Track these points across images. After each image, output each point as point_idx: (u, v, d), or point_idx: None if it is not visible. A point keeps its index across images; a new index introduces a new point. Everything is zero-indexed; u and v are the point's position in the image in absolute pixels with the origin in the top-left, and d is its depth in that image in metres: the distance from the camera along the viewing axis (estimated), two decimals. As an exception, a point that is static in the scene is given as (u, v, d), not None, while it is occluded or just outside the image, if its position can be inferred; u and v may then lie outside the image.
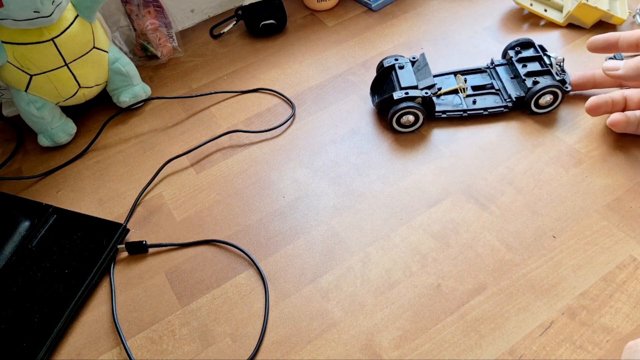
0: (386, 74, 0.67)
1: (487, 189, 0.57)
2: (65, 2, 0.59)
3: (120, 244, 0.56)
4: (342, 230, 0.55)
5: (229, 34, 0.84)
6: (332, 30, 0.82)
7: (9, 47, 0.59)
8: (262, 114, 0.70)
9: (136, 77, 0.71)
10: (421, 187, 0.58)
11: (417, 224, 0.55)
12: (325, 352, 0.47)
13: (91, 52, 0.64)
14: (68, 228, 0.57)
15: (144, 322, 0.50)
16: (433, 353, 0.45)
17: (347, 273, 0.52)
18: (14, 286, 0.52)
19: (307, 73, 0.75)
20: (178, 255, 0.55)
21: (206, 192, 0.61)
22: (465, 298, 0.49)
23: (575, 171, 0.58)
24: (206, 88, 0.75)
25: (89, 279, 0.52)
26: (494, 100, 0.65)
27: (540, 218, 0.54)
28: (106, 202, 0.61)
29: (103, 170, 0.65)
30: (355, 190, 0.59)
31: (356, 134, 0.65)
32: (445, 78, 0.68)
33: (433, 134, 0.64)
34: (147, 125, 0.70)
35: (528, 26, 0.77)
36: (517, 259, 0.51)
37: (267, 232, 0.56)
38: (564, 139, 0.61)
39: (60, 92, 0.64)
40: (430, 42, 0.77)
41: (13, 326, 0.49)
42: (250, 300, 0.51)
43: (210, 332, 0.49)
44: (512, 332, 0.46)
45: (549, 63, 0.63)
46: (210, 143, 0.66)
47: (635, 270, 0.49)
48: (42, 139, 0.67)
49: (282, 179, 0.61)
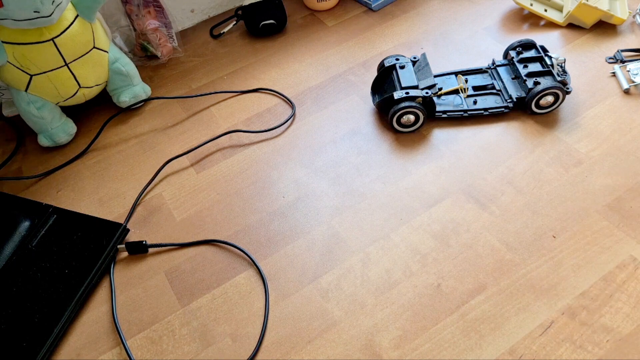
0: (387, 73, 0.67)
1: (488, 189, 0.57)
2: (65, 2, 0.59)
3: (120, 244, 0.56)
4: (342, 230, 0.55)
5: (229, 34, 0.84)
6: (332, 30, 0.81)
7: (9, 47, 0.59)
8: (262, 114, 0.70)
9: (136, 77, 0.71)
10: (421, 187, 0.58)
11: (417, 224, 0.55)
12: (325, 352, 0.47)
13: (91, 52, 0.64)
14: (68, 228, 0.57)
15: (144, 322, 0.50)
16: (433, 353, 0.45)
17: (347, 273, 0.52)
18: (14, 286, 0.52)
19: (307, 73, 0.75)
20: (178, 255, 0.55)
21: (206, 192, 0.61)
22: (465, 298, 0.49)
23: (575, 171, 0.58)
24: (206, 88, 0.75)
25: (89, 279, 0.52)
26: (494, 100, 0.65)
27: (540, 218, 0.54)
28: (106, 202, 0.61)
29: (103, 170, 0.65)
30: (355, 190, 0.59)
31: (356, 134, 0.65)
32: (446, 78, 0.68)
33: (433, 134, 0.64)
34: (147, 125, 0.70)
35: (528, 26, 0.77)
36: (517, 259, 0.51)
37: (267, 232, 0.56)
38: (564, 139, 0.61)
39: (60, 92, 0.64)
40: (430, 42, 0.77)
41: (13, 326, 0.49)
42: (250, 300, 0.51)
43: (210, 332, 0.49)
44: (512, 332, 0.46)
45: (550, 64, 0.63)
46: (210, 143, 0.66)
47: (635, 270, 0.49)
48: (42, 139, 0.67)
49: (282, 179, 0.61)
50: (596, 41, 0.72)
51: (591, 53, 0.71)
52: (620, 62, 0.68)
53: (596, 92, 0.65)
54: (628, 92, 0.65)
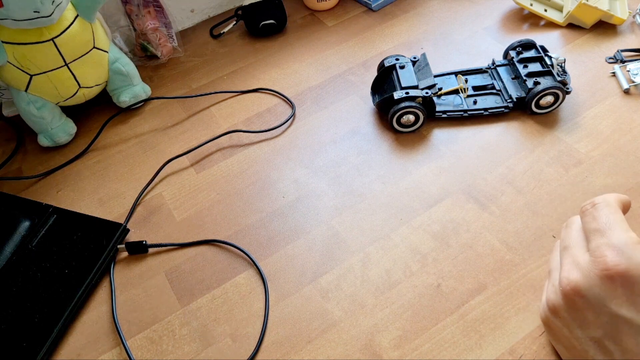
0: (387, 73, 0.67)
1: (488, 189, 0.57)
2: (65, 2, 0.59)
3: (120, 244, 0.56)
4: (342, 230, 0.55)
5: (229, 34, 0.84)
6: (332, 30, 0.81)
7: (9, 47, 0.59)
8: (262, 114, 0.70)
9: (136, 77, 0.71)
10: (421, 187, 0.58)
11: (417, 224, 0.55)
12: (325, 352, 0.47)
13: (91, 52, 0.64)
14: (68, 228, 0.57)
15: (144, 322, 0.50)
16: (433, 353, 0.45)
17: (347, 273, 0.52)
18: (14, 286, 0.52)
19: (307, 73, 0.75)
20: (178, 255, 0.55)
21: (206, 192, 0.61)
22: (465, 298, 0.49)
23: (575, 171, 0.58)
24: (206, 88, 0.75)
25: (89, 279, 0.52)
26: (494, 100, 0.65)
27: (540, 218, 0.54)
28: (106, 202, 0.61)
29: (103, 170, 0.65)
30: (355, 190, 0.59)
31: (356, 134, 0.65)
32: (446, 78, 0.68)
33: (433, 134, 0.64)
34: (147, 125, 0.70)
35: (528, 26, 0.77)
36: (517, 259, 0.51)
37: (267, 232, 0.56)
38: (564, 139, 0.61)
39: (60, 92, 0.64)
40: (430, 42, 0.77)
41: (13, 326, 0.49)
42: (250, 300, 0.51)
43: (210, 332, 0.49)
44: (512, 332, 0.46)
45: (550, 64, 0.63)
46: (210, 143, 0.66)
47: (635, 270, 0.49)
48: (42, 139, 0.67)
49: (282, 179, 0.61)
50: (596, 41, 0.72)
51: (591, 53, 0.71)
52: (620, 62, 0.68)
53: (596, 92, 0.65)
54: (628, 92, 0.65)
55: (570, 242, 0.40)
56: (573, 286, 0.36)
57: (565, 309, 0.38)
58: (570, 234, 0.40)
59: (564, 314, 0.38)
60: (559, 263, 0.40)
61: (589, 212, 0.38)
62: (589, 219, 0.38)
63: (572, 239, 0.40)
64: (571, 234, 0.40)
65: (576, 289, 0.36)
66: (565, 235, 0.41)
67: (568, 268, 0.38)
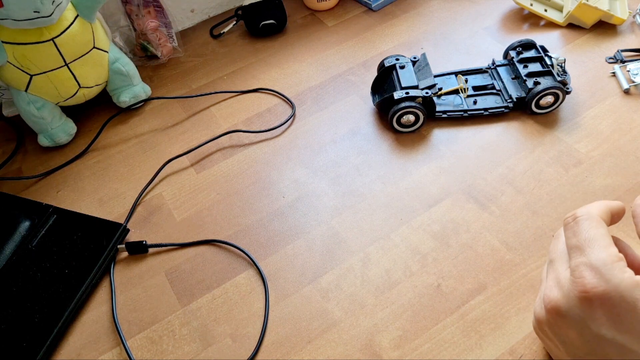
0: (387, 73, 0.67)
1: (487, 189, 0.57)
2: (65, 2, 0.59)
3: (120, 244, 0.56)
4: (342, 230, 0.55)
5: (229, 34, 0.84)
6: (332, 30, 0.81)
7: (9, 47, 0.59)
8: (262, 114, 0.70)
9: (136, 77, 0.71)
10: (421, 187, 0.58)
11: (417, 224, 0.55)
12: (325, 352, 0.47)
13: (91, 52, 0.64)
14: (68, 228, 0.57)
15: (144, 322, 0.50)
16: (433, 353, 0.45)
17: (347, 273, 0.52)
18: (14, 286, 0.52)
19: (307, 73, 0.75)
20: (178, 255, 0.55)
21: (206, 192, 0.61)
22: (465, 298, 0.49)
23: (575, 171, 0.58)
24: (206, 88, 0.75)
25: (89, 279, 0.52)
26: (494, 100, 0.65)
27: (540, 218, 0.54)
28: (106, 202, 0.61)
29: (103, 170, 0.65)
30: (355, 190, 0.59)
31: (356, 134, 0.65)
32: (446, 78, 0.68)
33: (433, 134, 0.64)
34: (147, 125, 0.70)
35: (528, 26, 0.77)
36: (517, 259, 0.51)
37: (267, 232, 0.56)
38: (564, 139, 0.61)
39: (60, 92, 0.64)
40: (430, 42, 0.77)
41: (13, 326, 0.49)
42: (250, 300, 0.51)
43: (210, 332, 0.49)
44: (512, 332, 0.46)
45: (550, 64, 0.63)
46: (210, 143, 0.66)
47: (635, 270, 0.49)
48: (42, 139, 0.67)
49: (282, 179, 0.61)
50: (596, 41, 0.72)
51: (591, 53, 0.71)
52: (620, 62, 0.68)
53: (596, 92, 0.65)
54: (628, 92, 0.65)
55: (556, 255, 0.39)
56: (553, 305, 0.36)
57: (549, 326, 0.38)
58: (556, 246, 0.39)
59: (548, 330, 0.38)
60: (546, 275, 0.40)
61: (570, 227, 0.37)
62: (570, 234, 0.37)
63: (557, 252, 0.39)
64: (557, 247, 0.39)
65: (556, 308, 0.36)
66: (552, 248, 0.40)
67: (551, 285, 0.37)
